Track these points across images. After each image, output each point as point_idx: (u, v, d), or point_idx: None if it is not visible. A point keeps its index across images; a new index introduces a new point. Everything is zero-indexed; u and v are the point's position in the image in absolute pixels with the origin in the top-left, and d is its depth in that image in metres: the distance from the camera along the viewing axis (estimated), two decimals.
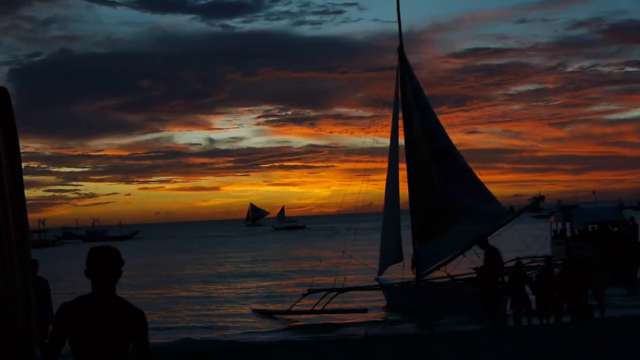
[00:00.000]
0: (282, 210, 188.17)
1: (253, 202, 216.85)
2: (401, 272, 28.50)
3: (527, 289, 21.00)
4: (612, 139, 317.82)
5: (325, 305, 26.45)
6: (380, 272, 29.03)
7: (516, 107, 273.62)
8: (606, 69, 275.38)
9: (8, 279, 4.11)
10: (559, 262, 27.81)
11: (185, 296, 37.57)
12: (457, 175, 27.87)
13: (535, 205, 28.77)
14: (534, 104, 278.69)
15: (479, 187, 27.90)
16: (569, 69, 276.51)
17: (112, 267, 4.84)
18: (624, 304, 26.70)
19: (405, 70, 28.93)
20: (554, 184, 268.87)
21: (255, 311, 29.16)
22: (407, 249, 28.43)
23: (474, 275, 26.85)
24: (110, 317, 4.69)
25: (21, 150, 4.57)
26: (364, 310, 26.58)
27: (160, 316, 29.78)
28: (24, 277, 4.25)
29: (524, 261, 27.13)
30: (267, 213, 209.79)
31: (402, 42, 29.26)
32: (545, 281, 21.07)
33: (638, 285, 32.59)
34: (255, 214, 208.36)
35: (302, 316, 26.47)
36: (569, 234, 40.87)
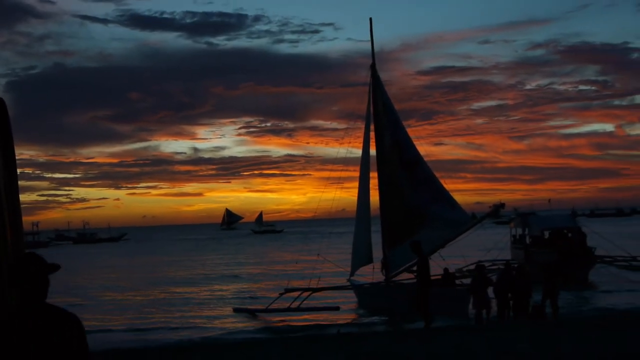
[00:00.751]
0: (260, 215, 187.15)
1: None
2: (372, 274, 28.57)
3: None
4: (567, 151, 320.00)
5: (300, 304, 26.51)
6: (352, 274, 29.08)
7: (479, 121, 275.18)
8: (562, 87, 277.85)
9: (3, 277, 4.08)
10: (516, 265, 27.95)
11: (169, 297, 37.39)
12: (424, 184, 27.98)
13: (496, 212, 28.97)
14: (495, 118, 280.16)
15: (445, 195, 28.02)
16: (528, 87, 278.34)
17: (38, 275, 4.26)
18: (578, 305, 26.96)
19: (377, 86, 29.02)
20: (513, 193, 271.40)
21: (235, 310, 29.08)
22: (377, 252, 28.51)
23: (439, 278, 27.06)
24: (42, 328, 4.16)
25: (17, 157, 4.55)
26: (337, 308, 26.68)
27: (144, 317, 29.73)
28: None
29: (486, 264, 27.30)
30: (241, 218, 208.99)
31: (374, 60, 29.32)
32: (504, 283, 21.24)
33: (590, 288, 32.85)
34: (230, 218, 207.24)
35: (279, 314, 26.49)
36: (528, 240, 41.14)
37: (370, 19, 29.81)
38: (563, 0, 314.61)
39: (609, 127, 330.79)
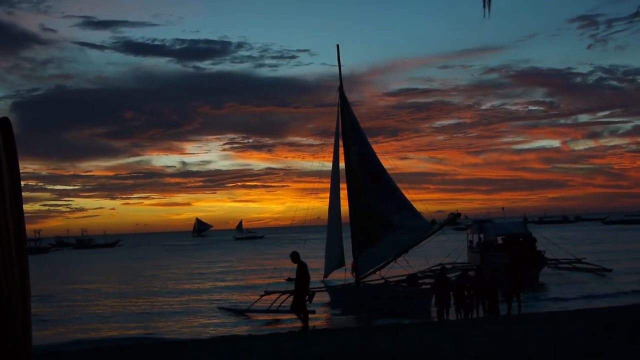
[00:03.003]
0: (240, 223, 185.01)
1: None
2: (344, 275, 28.62)
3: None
4: (519, 165, 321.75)
5: (280, 305, 26.46)
6: (326, 275, 29.07)
7: (440, 137, 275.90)
8: (513, 107, 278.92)
9: (8, 280, 4.06)
10: (474, 267, 28.08)
11: (157, 296, 37.16)
12: (388, 194, 28.08)
13: (453, 221, 29.01)
14: (455, 135, 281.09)
15: (407, 204, 28.13)
16: (483, 107, 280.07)
17: None
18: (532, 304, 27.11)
19: (344, 106, 29.04)
20: (471, 202, 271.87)
21: (220, 309, 28.97)
22: (348, 256, 28.57)
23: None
24: None
25: (21, 171, 4.52)
26: (312, 312, 26.56)
27: (135, 319, 29.57)
28: (21, 278, 4.20)
29: (447, 267, 27.37)
30: (211, 226, 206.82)
31: (342, 83, 29.30)
32: (463, 284, 21.33)
33: (540, 288, 33.08)
34: (200, 226, 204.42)
35: (260, 314, 26.41)
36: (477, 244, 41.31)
37: (337, 45, 29.84)
38: (514, 30, 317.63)
39: (555, 143, 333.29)
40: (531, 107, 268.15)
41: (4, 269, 4.03)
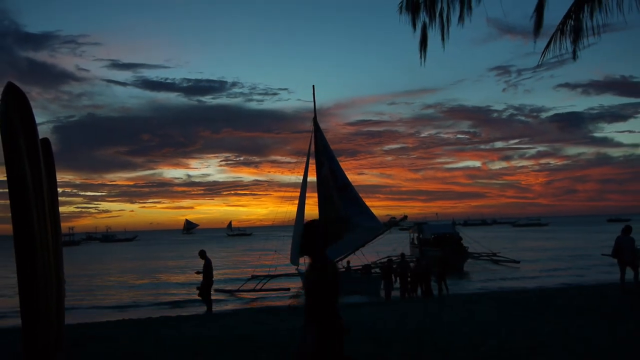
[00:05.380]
0: (230, 223, 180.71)
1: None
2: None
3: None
4: (449, 180, 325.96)
5: (262, 285, 26.39)
6: (295, 263, 29.06)
7: (389, 158, 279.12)
8: (445, 136, 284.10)
9: (46, 267, 3.99)
10: (414, 258, 28.24)
11: (162, 283, 36.70)
12: (351, 201, 28.20)
13: (397, 223, 29.36)
14: (400, 156, 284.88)
15: (365, 209, 28.28)
16: (422, 135, 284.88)
17: None
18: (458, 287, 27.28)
19: (317, 132, 29.22)
20: (412, 208, 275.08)
21: (215, 290, 28.69)
22: None
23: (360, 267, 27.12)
24: None
25: (58, 180, 4.47)
26: (287, 289, 26.56)
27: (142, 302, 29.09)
28: (57, 266, 4.13)
29: (393, 258, 27.47)
30: (197, 225, 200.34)
31: (316, 115, 29.59)
32: (404, 271, 21.44)
33: (464, 276, 33.29)
34: (189, 225, 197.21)
35: (248, 293, 26.29)
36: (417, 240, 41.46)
37: (313, 86, 30.40)
38: (446, 76, 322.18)
39: (477, 163, 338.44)
40: (459, 136, 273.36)
41: (42, 258, 3.96)
